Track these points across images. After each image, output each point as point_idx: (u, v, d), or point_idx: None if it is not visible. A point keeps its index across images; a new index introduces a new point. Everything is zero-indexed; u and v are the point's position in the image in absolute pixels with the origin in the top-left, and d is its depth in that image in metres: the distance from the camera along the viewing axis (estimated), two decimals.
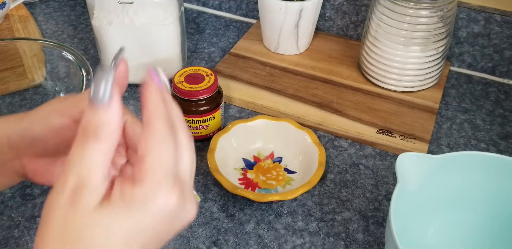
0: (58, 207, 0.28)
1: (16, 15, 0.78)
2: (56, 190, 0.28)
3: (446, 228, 0.53)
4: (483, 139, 0.67)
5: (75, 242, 0.27)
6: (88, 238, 0.27)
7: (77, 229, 0.27)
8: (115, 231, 0.28)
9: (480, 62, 0.77)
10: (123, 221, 0.28)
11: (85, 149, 0.28)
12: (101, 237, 0.27)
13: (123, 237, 0.28)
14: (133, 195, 0.28)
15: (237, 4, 0.87)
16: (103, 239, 0.27)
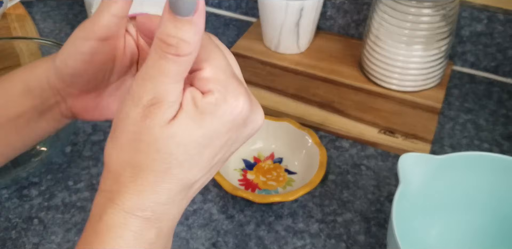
0: (132, 119, 0.28)
1: (13, 14, 0.78)
2: (129, 103, 0.28)
3: (449, 229, 0.53)
4: (486, 139, 0.67)
5: (149, 152, 0.28)
6: (162, 148, 0.28)
7: (151, 140, 0.28)
8: (189, 140, 0.28)
9: (483, 62, 0.76)
10: (197, 129, 0.28)
11: (164, 64, 0.27)
12: (175, 146, 0.28)
13: (197, 145, 0.29)
14: (205, 103, 0.28)
15: (237, 2, 0.86)
16: (178, 148, 0.28)
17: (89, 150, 0.64)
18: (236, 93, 0.29)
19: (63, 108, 0.41)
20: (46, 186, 0.60)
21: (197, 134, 0.29)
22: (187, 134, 0.28)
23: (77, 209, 0.57)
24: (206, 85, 0.29)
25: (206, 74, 0.29)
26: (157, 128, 0.28)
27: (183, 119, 0.28)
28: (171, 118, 0.28)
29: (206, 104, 0.28)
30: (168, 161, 0.29)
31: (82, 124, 0.67)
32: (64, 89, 0.39)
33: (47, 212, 0.57)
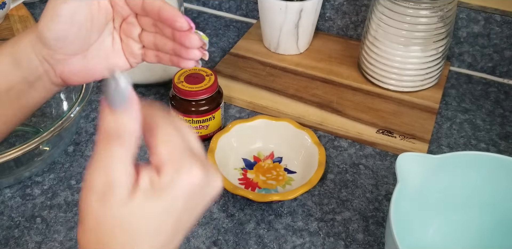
0: (91, 207, 0.30)
1: (16, 15, 0.78)
2: (86, 191, 0.30)
3: (446, 228, 0.53)
4: (483, 139, 0.67)
5: (113, 231, 0.30)
6: (125, 225, 0.30)
7: (113, 221, 0.30)
8: (150, 213, 0.30)
9: (480, 62, 0.77)
10: (156, 204, 0.30)
11: (109, 151, 0.29)
12: (137, 221, 0.30)
13: (158, 217, 0.30)
14: (161, 182, 0.30)
15: (237, 4, 0.87)
16: (139, 223, 0.30)
17: (92, 149, 0.65)
18: (189, 168, 0.30)
19: (52, 75, 0.42)
20: (48, 185, 0.60)
21: (156, 208, 0.30)
22: (147, 209, 0.30)
23: (79, 207, 0.58)
24: (161, 163, 0.30)
25: (160, 154, 0.30)
26: (115, 209, 0.29)
27: (141, 197, 0.30)
28: (126, 197, 0.29)
29: (163, 184, 0.30)
30: (133, 236, 0.30)
31: (84, 124, 0.68)
32: (51, 56, 0.41)
33: (49, 210, 0.58)
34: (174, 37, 0.41)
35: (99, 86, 0.73)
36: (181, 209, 0.31)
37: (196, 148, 0.32)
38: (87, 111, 0.70)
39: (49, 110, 0.67)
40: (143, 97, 0.72)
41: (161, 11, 0.39)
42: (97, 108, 0.70)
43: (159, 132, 0.31)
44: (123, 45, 0.44)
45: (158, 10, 0.40)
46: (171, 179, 0.30)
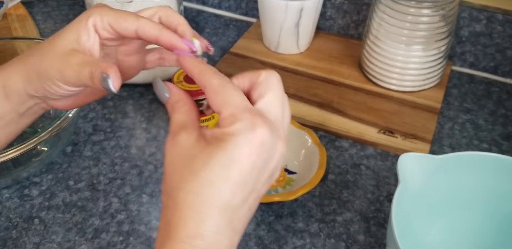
0: (166, 145, 0.34)
1: (14, 14, 0.78)
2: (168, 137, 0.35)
3: (448, 229, 0.53)
4: (485, 139, 0.67)
5: (182, 169, 0.32)
6: (191, 167, 0.32)
7: (183, 159, 0.32)
8: (212, 162, 0.31)
9: (482, 62, 0.76)
10: (216, 152, 0.31)
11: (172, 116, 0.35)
12: (201, 164, 0.31)
13: (220, 167, 0.31)
14: (221, 132, 0.32)
15: (237, 3, 0.86)
16: (202, 167, 0.31)
17: (90, 149, 0.64)
18: (251, 125, 0.32)
19: (43, 105, 0.42)
20: (46, 185, 0.60)
21: (219, 156, 0.31)
22: (209, 156, 0.32)
23: (77, 208, 0.58)
24: (221, 121, 0.33)
25: (223, 116, 0.33)
26: (185, 147, 0.33)
27: (204, 144, 0.32)
28: (194, 140, 0.33)
29: (222, 133, 0.32)
30: (198, 180, 0.31)
31: (82, 124, 0.67)
32: (43, 98, 0.41)
33: (47, 211, 0.57)
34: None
35: None
36: (247, 160, 0.31)
37: (260, 103, 0.34)
38: (85, 112, 0.69)
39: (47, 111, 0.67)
40: (142, 97, 0.72)
41: (159, 39, 0.39)
42: (95, 109, 0.70)
43: (220, 99, 0.33)
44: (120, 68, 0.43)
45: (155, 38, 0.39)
46: (232, 132, 0.32)
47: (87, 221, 0.56)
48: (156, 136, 0.66)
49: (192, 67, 0.36)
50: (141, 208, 0.58)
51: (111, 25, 0.39)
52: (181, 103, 0.36)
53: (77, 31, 0.39)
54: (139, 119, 0.68)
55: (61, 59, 0.39)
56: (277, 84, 0.35)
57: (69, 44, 0.39)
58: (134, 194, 0.59)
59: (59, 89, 0.40)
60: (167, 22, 0.41)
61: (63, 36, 0.39)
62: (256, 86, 0.35)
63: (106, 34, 0.39)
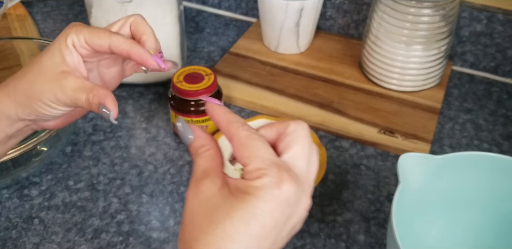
0: (188, 192, 0.34)
1: (13, 14, 0.78)
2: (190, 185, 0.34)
3: (449, 229, 0.53)
4: (485, 139, 0.67)
5: (202, 220, 0.32)
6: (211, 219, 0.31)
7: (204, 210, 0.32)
8: (234, 215, 0.31)
9: (483, 62, 0.76)
10: (239, 205, 0.31)
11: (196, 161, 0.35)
12: (222, 216, 0.31)
13: (241, 222, 0.31)
14: (246, 185, 0.32)
15: (237, 2, 0.86)
16: (223, 220, 0.31)
17: (89, 149, 0.64)
18: (278, 180, 0.31)
19: (33, 127, 0.44)
20: (46, 185, 0.60)
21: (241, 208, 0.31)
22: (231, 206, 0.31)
23: (77, 208, 0.57)
24: (247, 175, 0.32)
25: (249, 168, 0.32)
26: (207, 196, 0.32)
27: (227, 193, 0.32)
28: (218, 188, 0.32)
29: (246, 187, 0.32)
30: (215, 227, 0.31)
31: (82, 124, 0.67)
32: (34, 120, 0.42)
33: (47, 211, 0.57)
34: None
35: None
36: (270, 216, 0.31)
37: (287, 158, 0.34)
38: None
39: None
40: (141, 97, 0.72)
41: (130, 55, 0.41)
42: None
43: (246, 150, 0.33)
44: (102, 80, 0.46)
45: (127, 53, 0.41)
46: (258, 185, 0.31)
47: (87, 221, 0.56)
48: (156, 136, 0.66)
49: (219, 117, 0.35)
50: (140, 208, 0.58)
51: (87, 42, 0.41)
52: (205, 148, 0.35)
53: (60, 53, 0.40)
54: (138, 120, 0.68)
55: (53, 83, 0.40)
56: (305, 136, 0.35)
57: (57, 67, 0.40)
58: (133, 194, 0.59)
59: (53, 109, 0.41)
60: (135, 31, 0.43)
61: (48, 59, 0.41)
62: (283, 137, 0.34)
63: (84, 52, 0.41)
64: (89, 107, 0.40)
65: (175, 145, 0.65)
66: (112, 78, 0.46)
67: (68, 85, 0.40)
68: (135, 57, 0.41)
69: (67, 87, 0.40)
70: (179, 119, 0.37)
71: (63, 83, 0.40)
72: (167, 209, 0.57)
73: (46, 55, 0.41)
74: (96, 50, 0.41)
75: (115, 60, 0.45)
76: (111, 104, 0.39)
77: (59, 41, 0.41)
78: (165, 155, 0.63)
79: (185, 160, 0.63)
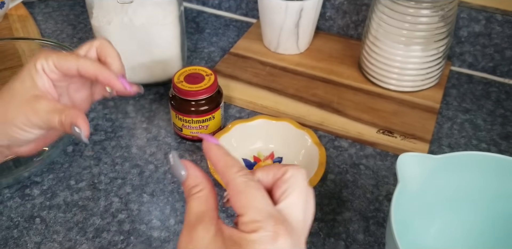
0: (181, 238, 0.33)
1: (15, 15, 0.78)
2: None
3: (447, 228, 0.53)
4: (484, 139, 0.67)
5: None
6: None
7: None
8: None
9: (481, 62, 0.76)
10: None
11: (189, 203, 0.34)
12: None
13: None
14: (241, 238, 0.31)
15: (237, 3, 0.86)
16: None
17: (91, 149, 0.64)
18: (273, 235, 0.31)
19: (6, 153, 0.45)
20: (48, 185, 0.60)
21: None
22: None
23: (78, 208, 0.58)
24: (246, 228, 0.31)
25: (245, 219, 0.31)
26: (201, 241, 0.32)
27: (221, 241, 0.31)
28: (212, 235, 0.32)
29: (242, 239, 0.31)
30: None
31: None
32: (6, 146, 0.44)
33: (49, 211, 0.57)
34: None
35: None
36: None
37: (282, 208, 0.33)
38: (86, 111, 0.69)
39: None
40: (142, 97, 0.72)
41: (97, 77, 0.42)
42: (96, 109, 0.70)
43: (243, 199, 0.32)
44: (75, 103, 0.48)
45: (94, 76, 0.42)
46: (252, 237, 0.30)
47: (88, 221, 0.57)
48: (157, 135, 0.66)
49: (217, 159, 0.34)
50: (141, 207, 0.58)
51: (55, 66, 0.42)
52: (199, 188, 0.34)
53: (31, 77, 0.42)
54: (139, 119, 0.69)
55: (26, 107, 0.42)
56: (302, 182, 0.34)
57: (29, 91, 0.42)
58: (134, 193, 0.60)
59: (26, 133, 0.42)
60: (101, 54, 0.45)
61: (19, 85, 0.42)
62: (280, 183, 0.34)
63: (54, 76, 0.43)
64: (62, 128, 0.41)
65: (175, 145, 0.65)
66: (82, 102, 0.48)
67: (40, 108, 0.41)
68: (102, 79, 0.42)
69: (40, 110, 0.41)
70: (171, 152, 0.36)
71: (36, 106, 0.41)
72: (168, 208, 0.58)
73: (17, 81, 0.43)
74: (65, 74, 0.43)
75: (84, 84, 0.47)
76: (82, 124, 0.41)
77: (29, 66, 0.42)
78: (166, 155, 0.64)
79: (185, 159, 0.63)
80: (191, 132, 0.63)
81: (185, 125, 0.63)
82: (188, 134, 0.64)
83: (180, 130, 0.64)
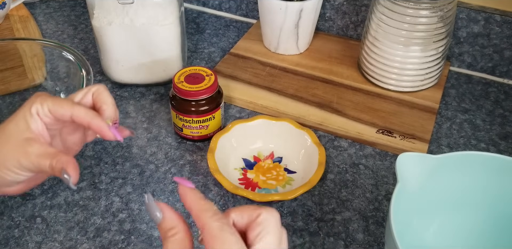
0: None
1: (16, 15, 0.78)
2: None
3: (446, 228, 0.53)
4: (483, 139, 0.67)
5: None
6: None
7: None
8: None
9: (480, 62, 0.77)
10: None
11: (166, 245, 0.35)
12: None
13: None
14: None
15: (237, 4, 0.87)
16: None
17: (91, 149, 0.65)
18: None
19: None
20: (49, 185, 0.60)
21: None
22: None
23: (79, 207, 0.58)
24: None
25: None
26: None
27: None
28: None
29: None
30: None
31: None
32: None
33: (50, 210, 0.58)
34: None
35: None
36: None
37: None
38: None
39: None
40: (143, 97, 0.72)
41: (90, 126, 0.43)
42: None
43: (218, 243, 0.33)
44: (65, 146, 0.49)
45: (87, 124, 0.44)
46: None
47: (89, 220, 0.57)
48: (157, 135, 0.67)
49: (192, 203, 0.35)
50: (142, 207, 0.58)
51: (50, 111, 0.43)
52: (174, 231, 0.35)
53: (25, 120, 0.43)
54: (140, 119, 0.69)
55: (18, 149, 0.43)
56: (275, 225, 0.35)
57: (22, 133, 0.43)
58: (135, 193, 0.60)
59: (16, 175, 0.43)
60: (96, 100, 0.46)
61: (13, 127, 0.43)
62: (254, 226, 0.35)
63: (47, 120, 0.44)
64: (52, 173, 0.42)
65: (176, 145, 0.65)
66: (74, 144, 0.49)
67: (32, 152, 0.42)
68: (94, 129, 0.43)
69: (31, 154, 0.42)
70: (146, 194, 0.37)
71: (28, 149, 0.42)
72: None
73: (12, 123, 0.44)
74: (58, 119, 0.44)
75: (77, 128, 0.48)
76: (71, 171, 0.41)
77: (24, 110, 0.43)
78: (166, 155, 0.64)
79: (186, 159, 0.64)
80: (191, 131, 0.64)
81: (185, 125, 0.63)
82: (188, 134, 0.64)
83: (181, 130, 0.64)
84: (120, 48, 0.68)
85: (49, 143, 0.45)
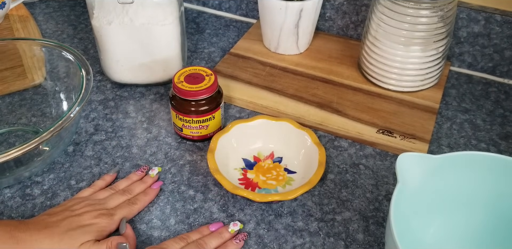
0: None
1: (16, 15, 0.78)
2: None
3: (446, 228, 0.53)
4: (483, 139, 0.67)
5: None
6: None
7: None
8: None
9: (480, 62, 0.77)
10: None
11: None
12: None
13: None
14: None
15: (237, 4, 0.87)
16: None
17: (91, 149, 0.65)
18: None
19: None
20: (48, 185, 0.60)
21: None
22: None
23: None
24: None
25: None
26: None
27: None
28: None
29: None
30: None
31: (84, 124, 0.68)
32: None
33: None
34: None
35: (99, 86, 0.73)
36: None
37: None
38: (87, 112, 0.70)
39: (49, 111, 0.67)
40: (143, 97, 0.72)
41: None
42: (97, 109, 0.70)
43: None
44: None
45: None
46: None
47: None
48: (157, 135, 0.67)
49: None
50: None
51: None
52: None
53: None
54: (140, 120, 0.69)
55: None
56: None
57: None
58: None
59: None
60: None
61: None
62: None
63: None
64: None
65: (176, 145, 0.65)
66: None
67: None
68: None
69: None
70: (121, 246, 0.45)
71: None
72: (168, 208, 0.58)
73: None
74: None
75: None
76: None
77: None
78: (166, 155, 0.64)
79: (186, 159, 0.64)
80: (191, 131, 0.64)
81: (185, 125, 0.63)
82: (188, 134, 0.64)
83: (181, 130, 0.64)
84: (119, 48, 0.68)
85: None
